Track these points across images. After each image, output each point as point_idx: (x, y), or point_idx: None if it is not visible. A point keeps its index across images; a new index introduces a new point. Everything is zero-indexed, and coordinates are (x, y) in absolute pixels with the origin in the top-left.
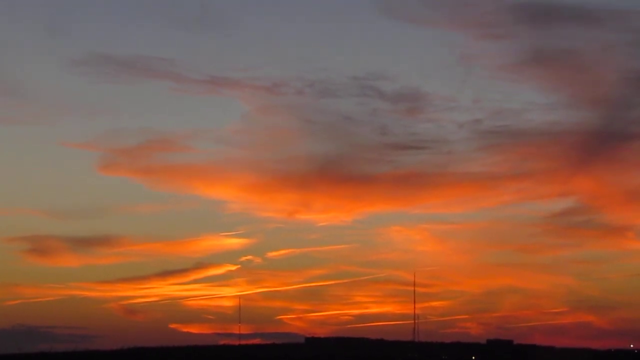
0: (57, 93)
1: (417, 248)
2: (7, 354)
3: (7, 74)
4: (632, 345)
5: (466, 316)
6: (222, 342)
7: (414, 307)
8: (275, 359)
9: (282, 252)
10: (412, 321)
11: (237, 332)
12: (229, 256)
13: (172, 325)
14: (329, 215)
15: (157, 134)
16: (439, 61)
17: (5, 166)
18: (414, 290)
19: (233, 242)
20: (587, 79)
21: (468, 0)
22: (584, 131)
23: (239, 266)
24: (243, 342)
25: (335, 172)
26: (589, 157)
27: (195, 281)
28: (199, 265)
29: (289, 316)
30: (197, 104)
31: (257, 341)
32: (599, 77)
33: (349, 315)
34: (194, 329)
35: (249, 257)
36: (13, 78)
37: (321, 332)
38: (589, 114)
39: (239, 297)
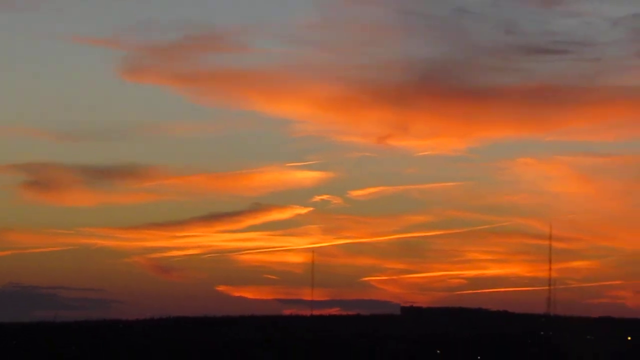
0: None
1: (554, 188)
2: None
3: None
4: None
5: (619, 282)
6: (287, 311)
7: (549, 269)
8: (361, 335)
9: (370, 190)
10: (547, 287)
11: (308, 298)
12: (298, 195)
13: (220, 288)
14: (433, 142)
15: (200, 27)
16: None
17: None
18: (550, 246)
19: (304, 177)
20: None
21: None
22: None
23: (311, 209)
24: (316, 312)
25: (443, 83)
26: None
27: (252, 228)
28: (257, 207)
29: (378, 278)
30: None
31: (335, 311)
32: None
33: (460, 278)
34: (249, 293)
35: (326, 196)
36: None
37: (422, 301)
38: None
39: (312, 250)
